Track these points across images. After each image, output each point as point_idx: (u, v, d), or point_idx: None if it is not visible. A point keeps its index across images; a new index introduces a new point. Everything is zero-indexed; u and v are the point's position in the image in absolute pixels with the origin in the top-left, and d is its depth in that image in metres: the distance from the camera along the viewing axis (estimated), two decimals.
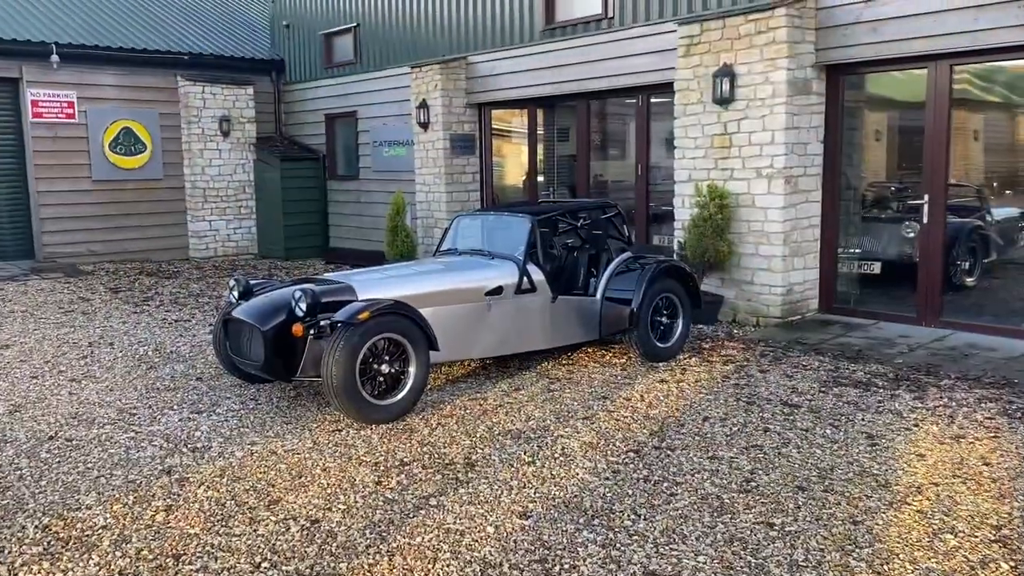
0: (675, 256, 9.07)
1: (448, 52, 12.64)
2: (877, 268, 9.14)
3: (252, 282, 6.29)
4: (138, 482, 4.60)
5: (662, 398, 6.00)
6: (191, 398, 6.20)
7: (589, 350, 7.44)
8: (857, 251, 9.19)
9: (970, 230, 9.16)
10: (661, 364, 7.02)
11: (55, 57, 13.69)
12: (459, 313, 6.14)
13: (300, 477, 4.62)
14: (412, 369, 5.60)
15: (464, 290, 6.22)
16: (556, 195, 12.14)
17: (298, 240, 15.50)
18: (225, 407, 5.95)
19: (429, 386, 6.35)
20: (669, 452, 4.91)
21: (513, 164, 13.01)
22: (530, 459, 4.81)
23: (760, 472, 4.61)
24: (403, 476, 4.60)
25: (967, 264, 9.14)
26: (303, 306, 5.49)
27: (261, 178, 15.75)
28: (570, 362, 7.08)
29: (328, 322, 5.42)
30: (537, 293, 6.56)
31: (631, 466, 4.69)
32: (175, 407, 5.98)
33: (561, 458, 4.82)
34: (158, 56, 14.95)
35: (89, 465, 4.85)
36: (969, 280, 9.14)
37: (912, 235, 8.96)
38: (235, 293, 6.14)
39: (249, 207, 15.96)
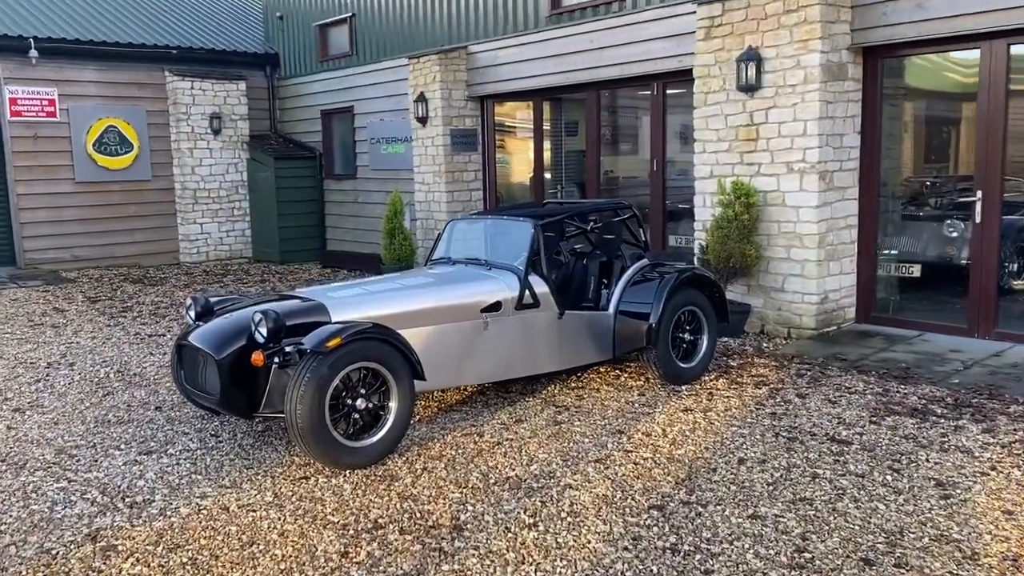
0: (695, 261, 8.21)
1: (447, 41, 11.80)
2: (917, 271, 8.24)
3: (213, 299, 5.47)
4: (54, 552, 3.78)
5: (688, 433, 5.14)
6: (143, 434, 5.39)
7: (601, 370, 6.59)
8: (894, 253, 8.30)
9: (1020, 228, 8.27)
10: (684, 387, 6.17)
11: (34, 52, 12.92)
12: (451, 334, 5.31)
13: (252, 545, 3.79)
14: (393, 404, 4.76)
15: (457, 307, 5.39)
16: (564, 194, 11.29)
17: (294, 243, 14.71)
18: (179, 446, 5.13)
19: (417, 416, 5.52)
20: (700, 508, 4.06)
21: (518, 161, 12.16)
22: (531, 519, 3.97)
23: (813, 537, 3.75)
24: (375, 544, 3.77)
25: (1016, 266, 8.25)
26: (264, 331, 4.66)
27: (254, 178, 14.96)
28: (579, 385, 6.23)
29: (294, 349, 4.59)
30: (541, 308, 5.71)
31: (655, 529, 3.84)
32: (123, 446, 5.17)
33: (569, 518, 3.98)
34: (144, 50, 14.17)
35: (2, 528, 4.04)
36: (1017, 283, 8.24)
37: (955, 234, 8.08)
38: (192, 313, 5.32)
39: (242, 209, 15.18)
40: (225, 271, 13.89)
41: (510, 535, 3.81)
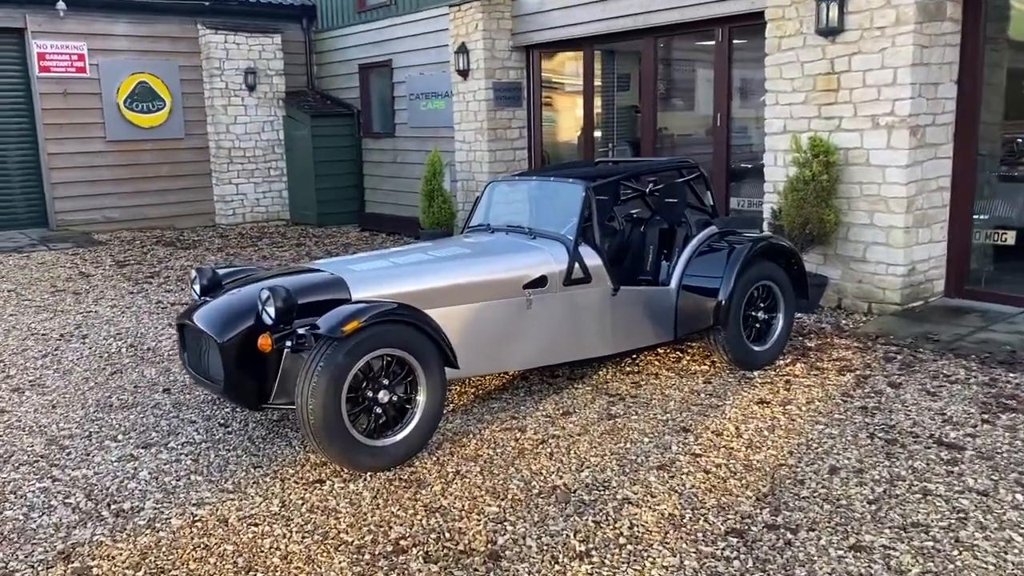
0: (766, 227, 7.39)
1: None
2: (1011, 239, 7.30)
3: (222, 271, 4.84)
4: (17, 574, 3.20)
5: (766, 432, 4.40)
6: (145, 421, 4.81)
7: (660, 352, 5.85)
8: (985, 218, 7.35)
9: None
10: (756, 373, 5.40)
11: (62, 4, 12.35)
12: (489, 314, 4.60)
13: (248, 572, 3.17)
14: (421, 397, 4.09)
15: (496, 282, 4.67)
16: (615, 152, 10.47)
17: (332, 205, 14.11)
18: (183, 438, 4.54)
19: (451, 406, 4.86)
20: (790, 535, 3.33)
21: (566, 118, 11.33)
22: (583, 546, 3.28)
23: None
24: (395, 575, 3.12)
25: None
26: (271, 310, 4.01)
27: (291, 137, 14.35)
28: (635, 370, 5.51)
29: (308, 332, 3.94)
30: (592, 283, 4.97)
31: (736, 564, 3.13)
32: (120, 436, 4.59)
33: (629, 545, 3.28)
34: (176, 2, 13.55)
35: None
36: None
37: None
38: (197, 287, 4.69)
39: (279, 169, 14.59)
40: (261, 234, 13.37)
41: (557, 568, 3.13)
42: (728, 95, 8.64)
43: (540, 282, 4.80)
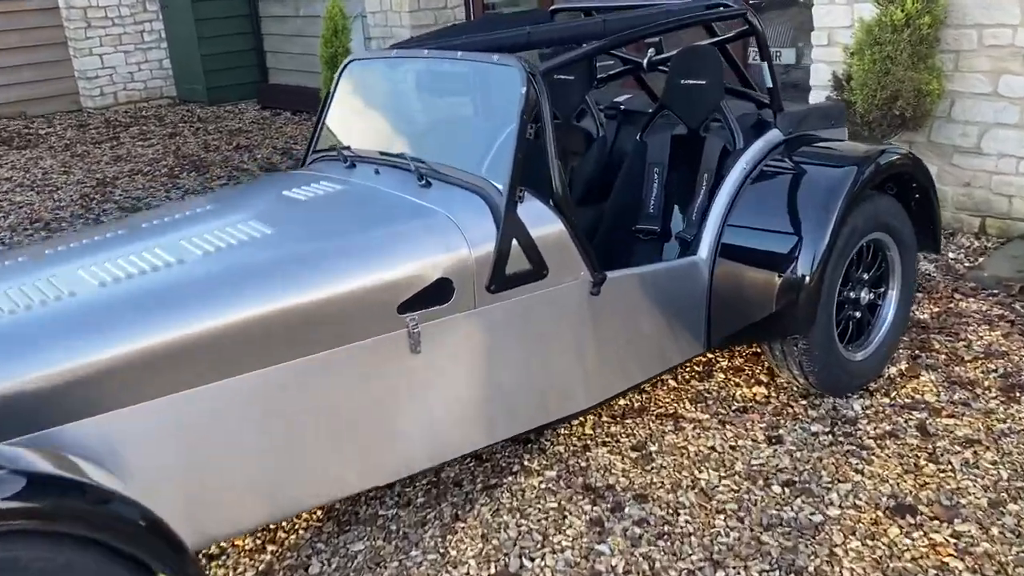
0: (831, 101, 4.72)
1: None
2: None
3: None
4: None
5: None
6: None
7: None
8: None
9: None
10: (856, 404, 2.92)
11: None
12: (315, 384, 2.02)
13: None
14: None
15: (333, 305, 2.05)
16: None
17: (224, 76, 11.10)
18: None
19: (257, 537, 2.36)
20: None
21: None
22: None
23: None
24: None
25: None
26: None
27: None
28: (633, 405, 2.99)
29: None
30: (551, 278, 2.37)
31: None
32: None
33: None
34: None
35: None
36: None
37: None
38: None
39: (155, 32, 11.45)
40: (134, 119, 10.44)
41: None
42: None
43: (438, 293, 2.19)
